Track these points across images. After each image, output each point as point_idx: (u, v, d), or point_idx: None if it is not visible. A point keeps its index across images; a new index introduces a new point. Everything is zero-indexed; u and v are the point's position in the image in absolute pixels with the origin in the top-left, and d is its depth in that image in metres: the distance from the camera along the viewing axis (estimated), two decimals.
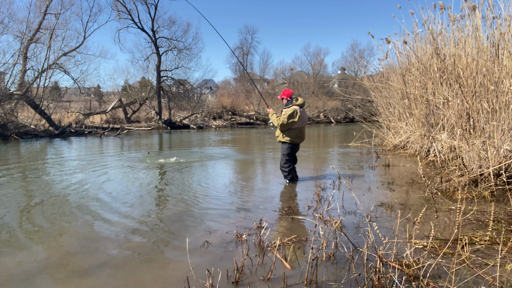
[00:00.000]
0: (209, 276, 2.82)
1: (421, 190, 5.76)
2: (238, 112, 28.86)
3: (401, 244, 3.48)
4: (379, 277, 2.64)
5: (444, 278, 2.82)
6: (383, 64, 11.97)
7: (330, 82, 38.69)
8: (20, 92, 17.59)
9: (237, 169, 8.38)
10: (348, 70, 40.44)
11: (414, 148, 9.61)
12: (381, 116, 12.23)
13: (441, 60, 8.23)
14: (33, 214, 4.71)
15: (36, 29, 18.58)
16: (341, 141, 14.36)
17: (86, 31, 21.62)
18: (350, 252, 3.29)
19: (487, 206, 4.75)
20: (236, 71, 48.61)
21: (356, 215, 4.49)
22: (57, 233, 4.00)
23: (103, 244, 3.66)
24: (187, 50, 27.13)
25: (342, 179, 6.51)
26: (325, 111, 31.03)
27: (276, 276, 2.92)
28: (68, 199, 5.49)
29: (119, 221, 4.39)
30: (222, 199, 5.44)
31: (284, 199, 5.50)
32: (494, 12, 6.97)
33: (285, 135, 6.19)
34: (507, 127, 5.84)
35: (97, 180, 6.88)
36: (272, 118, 6.30)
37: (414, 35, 9.80)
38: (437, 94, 8.58)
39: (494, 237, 3.59)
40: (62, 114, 21.94)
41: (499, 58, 6.46)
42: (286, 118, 6.02)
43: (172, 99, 26.69)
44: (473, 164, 5.85)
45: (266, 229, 3.84)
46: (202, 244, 3.61)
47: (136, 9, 28.15)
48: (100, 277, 2.98)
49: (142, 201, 5.38)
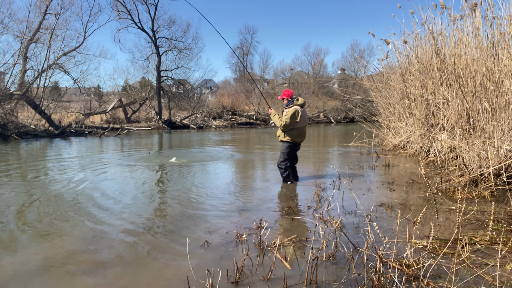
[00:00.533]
0: (209, 276, 2.82)
1: (421, 190, 5.76)
2: (238, 112, 28.85)
3: (401, 244, 3.48)
4: (379, 277, 2.64)
5: (444, 278, 2.82)
6: (383, 64, 11.98)
7: (330, 82, 38.70)
8: (20, 92, 17.59)
9: (237, 169, 8.38)
10: (348, 70, 40.49)
11: (414, 148, 9.61)
12: (381, 116, 12.23)
13: (441, 60, 8.23)
14: (33, 214, 4.70)
15: (36, 29, 18.58)
16: (341, 141, 14.36)
17: (86, 31, 21.64)
18: (350, 252, 3.29)
19: (487, 206, 4.75)
20: (236, 71, 48.64)
21: (356, 215, 4.49)
22: (57, 234, 4.00)
23: (102, 244, 3.66)
24: (187, 50, 27.16)
25: (342, 179, 6.51)
26: (325, 111, 31.04)
27: (276, 276, 2.92)
28: (68, 199, 5.48)
29: (119, 221, 4.39)
30: (222, 199, 5.44)
31: (284, 199, 5.50)
32: (494, 12, 6.97)
33: (286, 134, 6.21)
34: (507, 127, 5.84)
35: (96, 180, 6.88)
36: (274, 119, 6.31)
37: (414, 35, 9.81)
38: (437, 94, 8.58)
39: (494, 237, 3.59)
40: (62, 114, 21.93)
41: (499, 58, 6.46)
42: (288, 119, 6.04)
43: (172, 99, 26.69)
44: (473, 164, 5.85)
45: (266, 229, 3.84)
46: (202, 244, 3.61)
47: (136, 9, 28.22)
48: (100, 277, 2.98)
49: (142, 201, 5.38)
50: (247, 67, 47.65)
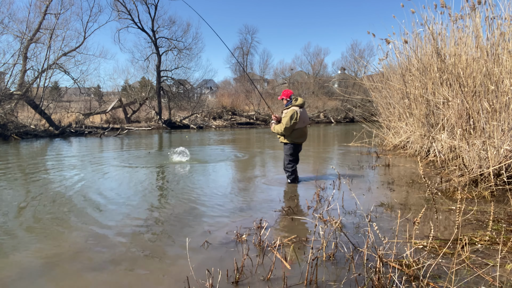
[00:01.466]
0: (209, 276, 2.82)
1: (421, 190, 5.76)
2: (238, 112, 28.84)
3: (401, 244, 3.48)
4: (379, 277, 2.64)
5: (444, 278, 2.82)
6: (383, 64, 11.97)
7: (330, 82, 38.67)
8: (20, 92, 17.58)
9: (237, 169, 8.37)
10: (348, 70, 40.43)
11: (414, 148, 9.61)
12: (381, 116, 12.23)
13: (441, 60, 8.23)
14: (33, 214, 4.70)
15: (36, 29, 18.57)
16: (341, 141, 14.36)
17: (86, 31, 21.62)
18: (350, 252, 3.29)
19: (487, 206, 4.75)
20: (236, 71, 48.63)
21: (356, 215, 4.49)
22: (56, 234, 4.00)
23: (102, 244, 3.66)
24: (187, 50, 27.14)
25: (342, 179, 6.51)
26: (325, 111, 31.03)
27: (276, 276, 2.92)
28: (68, 199, 5.48)
29: (119, 221, 4.39)
30: (222, 199, 5.44)
31: (284, 199, 5.49)
32: (494, 12, 6.97)
33: (287, 136, 6.21)
34: (507, 127, 5.84)
35: (96, 180, 6.88)
36: (276, 130, 6.25)
37: (415, 35, 9.81)
38: (437, 94, 8.58)
39: (494, 237, 3.59)
40: (62, 114, 21.93)
41: (499, 58, 6.46)
42: (287, 122, 6.01)
43: (172, 99, 26.69)
44: (473, 164, 5.85)
45: (266, 229, 3.84)
46: (202, 244, 3.61)
47: (136, 9, 28.17)
48: (99, 278, 2.98)
49: (142, 201, 5.37)
50: (247, 67, 47.68)
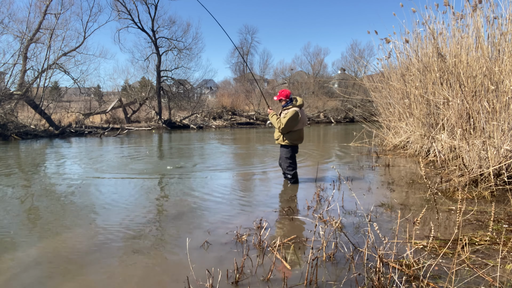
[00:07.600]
0: (209, 276, 2.82)
1: (421, 190, 5.76)
2: (238, 112, 28.83)
3: (401, 244, 3.48)
4: (379, 277, 2.64)
5: (444, 278, 2.81)
6: (383, 64, 11.97)
7: (330, 82, 38.67)
8: (20, 92, 17.57)
9: (237, 169, 8.37)
10: (348, 70, 40.39)
11: (414, 148, 9.61)
12: (381, 116, 12.22)
13: (442, 60, 8.23)
14: (32, 214, 4.70)
15: (36, 29, 18.56)
16: (341, 141, 14.35)
17: (86, 31, 21.57)
18: (350, 252, 3.29)
19: (487, 206, 4.74)
20: (236, 71, 48.58)
21: (356, 215, 4.49)
22: (56, 234, 4.00)
23: (101, 244, 3.66)
24: (187, 50, 27.10)
25: (342, 179, 6.50)
26: (325, 111, 31.01)
27: (276, 276, 2.92)
28: (67, 199, 5.48)
29: (119, 222, 4.39)
30: (222, 199, 5.43)
31: (284, 199, 5.49)
32: (495, 12, 6.97)
33: (285, 137, 5.99)
34: (507, 127, 5.83)
35: (96, 180, 6.87)
36: (272, 120, 6.03)
37: (415, 34, 9.81)
38: (437, 94, 8.57)
39: (494, 237, 3.58)
40: (62, 114, 21.91)
41: (500, 58, 6.46)
42: (288, 121, 5.79)
43: (172, 99, 26.67)
44: (473, 164, 5.85)
45: (266, 229, 3.84)
46: (202, 244, 3.61)
47: (136, 9, 28.09)
48: (99, 278, 2.98)
49: (142, 201, 5.37)
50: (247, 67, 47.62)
